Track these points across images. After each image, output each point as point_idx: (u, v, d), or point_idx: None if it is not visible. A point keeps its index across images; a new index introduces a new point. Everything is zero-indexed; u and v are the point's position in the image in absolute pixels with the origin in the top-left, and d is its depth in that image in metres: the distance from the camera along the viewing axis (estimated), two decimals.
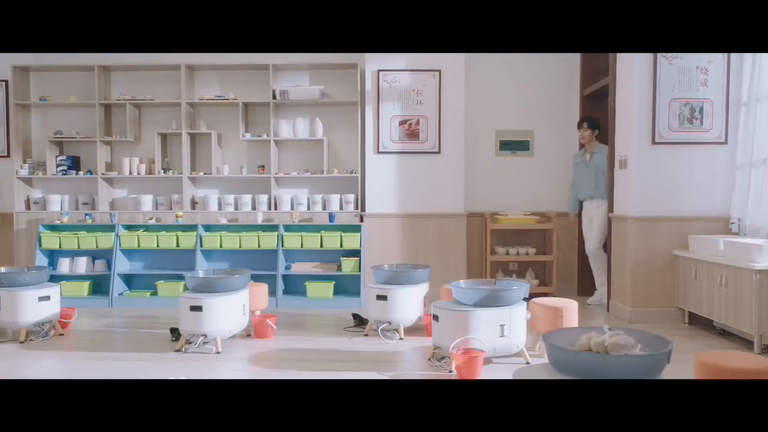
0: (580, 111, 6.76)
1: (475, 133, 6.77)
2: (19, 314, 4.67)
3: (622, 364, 2.28)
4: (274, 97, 6.58)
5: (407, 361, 4.20)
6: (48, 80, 6.95)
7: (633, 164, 5.36)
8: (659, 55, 5.29)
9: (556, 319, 4.13)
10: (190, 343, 4.42)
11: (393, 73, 6.38)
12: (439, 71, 6.37)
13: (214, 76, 6.86)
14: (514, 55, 6.75)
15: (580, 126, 6.25)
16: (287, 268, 6.34)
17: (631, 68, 5.39)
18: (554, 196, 6.84)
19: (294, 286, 6.37)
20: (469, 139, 6.67)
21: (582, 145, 6.35)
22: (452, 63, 6.37)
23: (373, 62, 6.38)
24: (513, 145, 6.87)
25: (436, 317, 3.99)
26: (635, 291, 5.37)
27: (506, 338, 3.92)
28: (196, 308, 4.31)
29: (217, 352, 4.32)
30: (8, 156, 6.94)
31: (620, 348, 2.39)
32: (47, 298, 4.80)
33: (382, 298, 4.75)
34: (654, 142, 5.33)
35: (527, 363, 4.03)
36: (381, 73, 6.37)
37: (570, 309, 4.17)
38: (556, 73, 6.83)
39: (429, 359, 4.13)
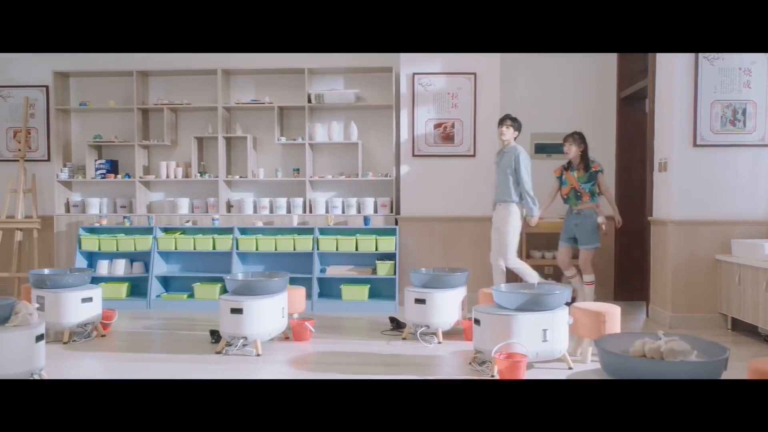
0: (617, 113, 6.69)
1: None
2: (62, 315, 4.75)
3: (679, 370, 2.25)
4: (310, 101, 6.61)
5: (447, 365, 4.18)
6: (88, 86, 7.07)
7: (673, 167, 5.29)
8: (701, 55, 5.22)
9: (599, 324, 4.08)
10: (230, 345, 4.45)
11: (428, 76, 6.37)
12: (474, 74, 6.35)
13: (250, 80, 6.92)
14: (549, 56, 6.70)
15: (502, 123, 5.63)
16: (322, 271, 6.36)
17: (671, 70, 5.32)
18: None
19: (329, 289, 6.39)
20: None
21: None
22: (487, 65, 6.34)
23: (408, 65, 6.38)
24: (548, 148, 6.81)
25: (477, 321, 3.97)
26: (676, 296, 5.29)
27: (549, 343, 3.87)
28: (237, 311, 4.34)
29: (258, 355, 4.35)
30: (49, 160, 7.07)
31: (677, 354, 2.36)
32: (90, 299, 4.87)
33: (420, 301, 4.74)
34: (695, 145, 5.25)
35: (570, 368, 3.99)
36: (416, 76, 6.37)
37: (612, 314, 4.12)
38: (592, 75, 6.76)
39: (470, 363, 4.11)
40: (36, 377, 3.51)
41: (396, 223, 6.48)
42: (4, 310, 3.50)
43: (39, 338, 3.51)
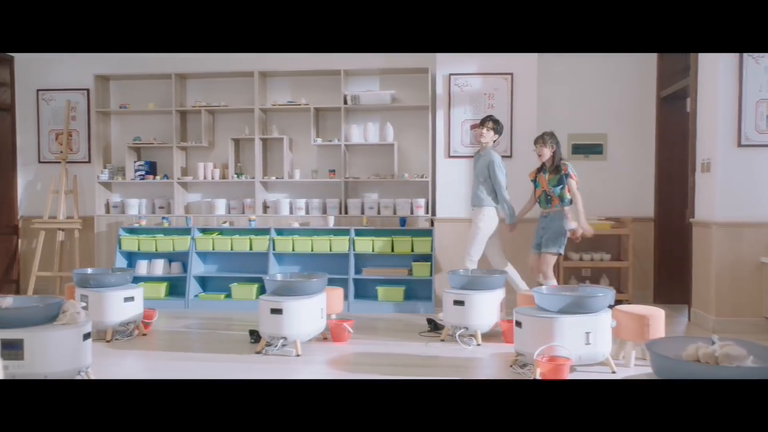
0: (657, 113, 6.58)
1: None
2: (105, 314, 4.83)
3: (736, 376, 2.19)
4: (345, 102, 6.63)
5: (488, 368, 4.16)
6: (127, 88, 7.18)
7: (717, 168, 5.18)
8: (746, 54, 5.10)
9: (642, 327, 4.02)
10: (269, 345, 4.48)
11: (464, 77, 6.34)
12: (511, 74, 6.30)
13: (286, 82, 6.96)
14: (587, 56, 6.62)
15: (483, 124, 5.56)
16: (358, 272, 6.37)
17: (714, 69, 5.22)
18: (629, 201, 6.67)
19: (364, 290, 6.40)
20: None
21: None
22: (524, 65, 6.29)
23: (444, 66, 6.36)
24: (586, 149, 6.74)
25: (518, 323, 3.93)
26: (720, 300, 5.18)
27: (591, 346, 3.82)
28: (277, 311, 4.36)
29: (297, 355, 4.37)
30: (89, 162, 7.19)
31: (732, 359, 2.30)
32: (132, 299, 4.95)
33: (459, 303, 4.71)
34: (740, 145, 5.14)
35: (613, 372, 3.94)
36: (452, 76, 6.34)
37: (656, 317, 4.05)
38: (631, 75, 6.66)
39: (511, 366, 4.07)
40: (83, 374, 3.57)
41: (432, 225, 6.46)
42: (52, 308, 3.56)
43: (86, 336, 3.56)
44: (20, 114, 7.32)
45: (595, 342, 3.83)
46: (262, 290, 6.31)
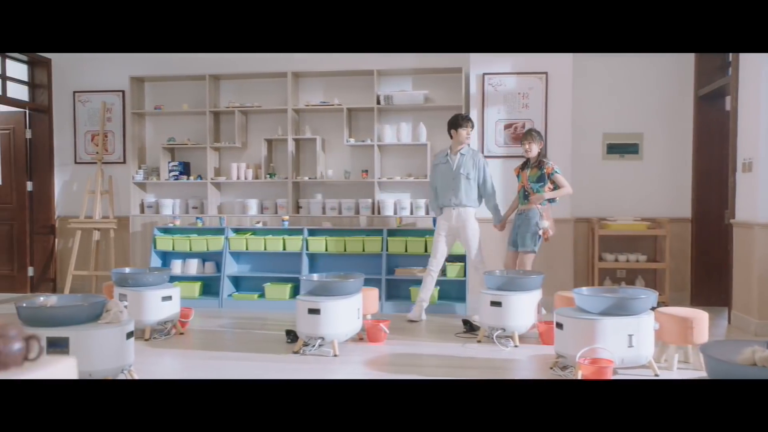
0: (695, 112, 6.47)
1: (582, 136, 6.58)
2: (144, 313, 4.87)
3: None
4: (378, 103, 6.63)
5: (528, 369, 4.12)
6: (161, 90, 7.25)
7: (760, 167, 5.07)
8: None
9: (686, 330, 3.95)
10: (306, 345, 4.48)
11: (498, 76, 6.30)
12: (546, 73, 6.24)
13: (319, 82, 6.97)
14: (623, 54, 6.53)
15: (468, 123, 5.58)
16: (390, 272, 6.36)
17: (756, 66, 5.11)
18: (664, 202, 6.57)
19: (397, 290, 6.38)
20: (576, 142, 6.48)
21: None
22: (559, 65, 6.23)
23: (477, 65, 6.32)
24: (621, 148, 6.65)
25: (560, 325, 3.89)
26: (762, 302, 5.07)
27: (634, 349, 3.76)
28: (314, 311, 4.37)
29: (335, 355, 4.37)
30: (124, 162, 7.28)
31: None
32: (169, 298, 4.99)
33: (496, 304, 4.68)
34: None
35: (656, 375, 3.87)
36: (486, 76, 6.31)
37: (700, 320, 3.98)
38: (668, 73, 6.56)
39: (551, 368, 4.03)
40: (125, 373, 3.60)
41: None
42: (96, 307, 3.60)
43: (129, 335, 3.60)
44: (57, 116, 7.44)
45: (638, 345, 3.77)
46: (295, 290, 6.33)
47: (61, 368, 1.60)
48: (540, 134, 5.51)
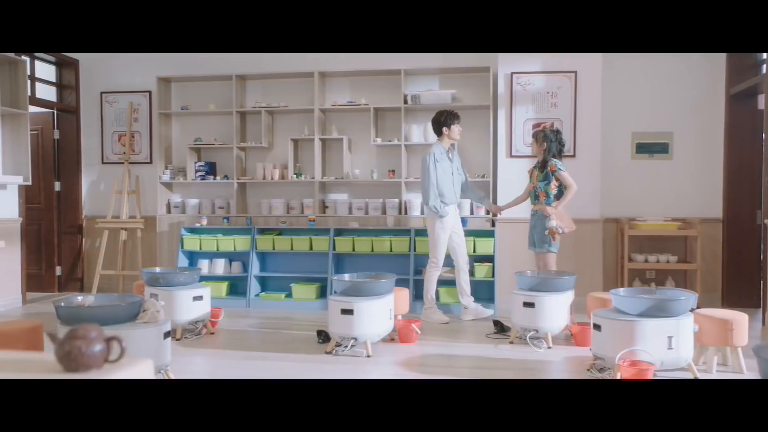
0: (726, 111, 6.38)
1: (611, 135, 6.51)
2: (175, 313, 4.88)
3: None
4: (405, 102, 6.61)
5: (564, 371, 4.08)
6: (188, 90, 7.28)
7: None
8: None
9: (726, 332, 3.90)
10: (339, 345, 4.47)
11: (526, 76, 6.26)
12: (575, 72, 6.19)
13: (346, 82, 6.96)
14: (653, 53, 6.46)
15: (458, 120, 5.62)
16: (417, 273, 6.33)
17: None
18: (695, 201, 6.48)
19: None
20: (605, 141, 6.42)
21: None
22: (589, 64, 6.17)
23: (506, 65, 6.28)
24: (650, 148, 6.57)
25: (597, 326, 3.84)
26: None
27: (674, 351, 3.71)
28: (348, 311, 4.36)
29: (368, 356, 4.35)
30: (151, 162, 7.31)
31: None
32: (200, 297, 5.00)
33: (529, 305, 4.64)
34: None
35: (695, 378, 3.82)
36: (514, 75, 6.27)
37: (740, 322, 3.92)
38: (698, 71, 6.47)
39: (588, 369, 3.99)
40: (162, 373, 3.61)
41: (493, 225, 6.38)
42: (134, 307, 3.61)
43: (166, 335, 3.61)
44: (84, 116, 7.49)
45: (677, 347, 3.72)
46: (322, 290, 6.33)
47: (139, 369, 1.59)
48: (546, 134, 5.35)
